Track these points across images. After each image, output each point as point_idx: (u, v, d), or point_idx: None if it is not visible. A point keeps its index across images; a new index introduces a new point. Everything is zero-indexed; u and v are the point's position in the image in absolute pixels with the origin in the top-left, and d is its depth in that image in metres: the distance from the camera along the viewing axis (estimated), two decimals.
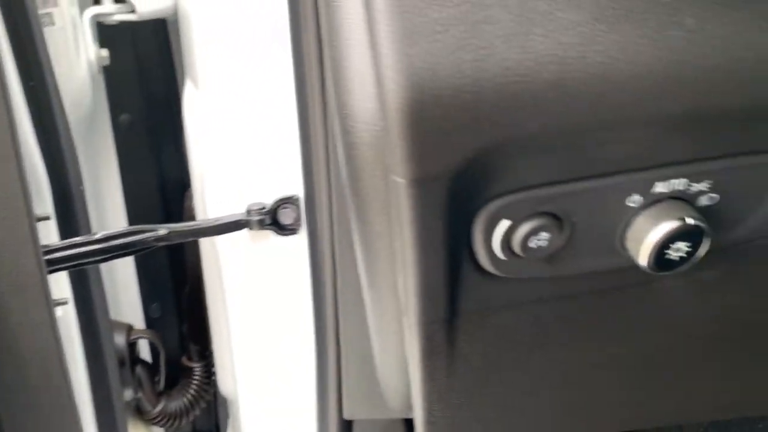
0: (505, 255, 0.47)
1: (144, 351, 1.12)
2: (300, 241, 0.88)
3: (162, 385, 1.09)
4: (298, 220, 0.87)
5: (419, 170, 0.40)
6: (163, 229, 0.83)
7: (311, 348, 0.92)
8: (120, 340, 0.98)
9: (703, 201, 0.48)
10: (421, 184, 0.41)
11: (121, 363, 0.97)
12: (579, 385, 0.62)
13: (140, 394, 1.06)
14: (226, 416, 1.18)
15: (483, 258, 0.48)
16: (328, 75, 0.49)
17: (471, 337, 0.54)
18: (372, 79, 0.40)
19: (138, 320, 1.18)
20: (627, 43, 0.39)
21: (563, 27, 0.39)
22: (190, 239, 0.90)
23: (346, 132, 0.44)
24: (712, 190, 0.47)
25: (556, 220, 0.47)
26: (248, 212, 0.86)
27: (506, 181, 0.44)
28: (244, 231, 0.88)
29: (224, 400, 1.16)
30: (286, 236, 0.87)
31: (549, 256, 0.49)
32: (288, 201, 0.86)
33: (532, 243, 0.46)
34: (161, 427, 1.15)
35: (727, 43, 0.40)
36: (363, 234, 0.52)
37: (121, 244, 0.81)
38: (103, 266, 1.13)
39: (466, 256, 0.48)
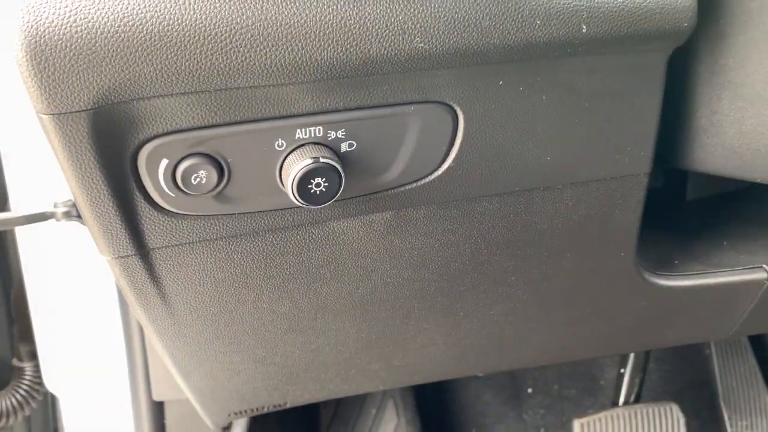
0: (172, 191, 0.54)
1: None
2: None
3: None
4: None
5: (53, 105, 0.47)
6: None
7: (122, 335, 0.96)
8: None
9: (344, 147, 0.56)
10: (60, 119, 0.48)
11: None
12: (291, 323, 0.69)
13: None
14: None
15: (154, 194, 0.55)
16: None
17: (173, 273, 0.60)
18: None
19: None
20: (222, 5, 0.48)
21: None
22: None
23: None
24: (348, 137, 0.55)
25: (212, 160, 0.54)
26: (54, 205, 0.90)
27: (157, 123, 0.51)
28: (54, 227, 0.92)
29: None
30: None
31: (219, 195, 0.56)
32: None
33: (194, 180, 0.54)
34: None
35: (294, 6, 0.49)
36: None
37: None
38: None
39: (137, 193, 0.55)
